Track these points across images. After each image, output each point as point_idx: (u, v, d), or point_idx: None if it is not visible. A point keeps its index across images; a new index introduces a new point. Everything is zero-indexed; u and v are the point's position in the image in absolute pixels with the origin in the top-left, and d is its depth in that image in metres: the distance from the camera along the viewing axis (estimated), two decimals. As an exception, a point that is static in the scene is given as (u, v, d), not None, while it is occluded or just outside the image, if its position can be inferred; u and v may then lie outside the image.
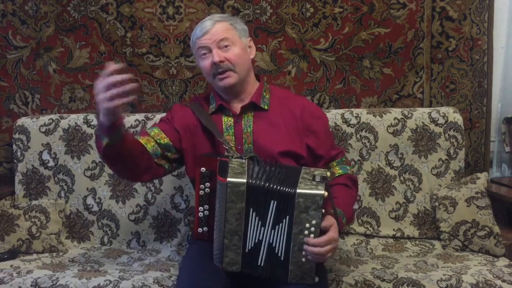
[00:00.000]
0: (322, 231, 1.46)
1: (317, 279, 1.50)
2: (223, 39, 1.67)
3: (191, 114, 1.77)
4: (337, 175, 1.75)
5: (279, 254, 1.49)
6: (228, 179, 1.46)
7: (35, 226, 2.12)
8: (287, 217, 1.46)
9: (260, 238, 1.50)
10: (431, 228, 2.16)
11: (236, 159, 1.54)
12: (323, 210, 1.44)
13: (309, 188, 1.44)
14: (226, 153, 1.61)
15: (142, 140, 1.68)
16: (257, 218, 1.49)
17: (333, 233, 1.47)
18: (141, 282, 1.75)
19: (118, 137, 1.47)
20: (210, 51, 1.68)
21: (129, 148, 1.56)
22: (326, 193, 1.43)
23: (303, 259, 1.47)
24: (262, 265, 1.51)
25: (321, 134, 1.76)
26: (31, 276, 1.79)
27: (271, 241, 1.49)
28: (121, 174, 1.75)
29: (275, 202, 1.47)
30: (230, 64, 1.68)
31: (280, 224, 1.48)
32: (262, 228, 1.49)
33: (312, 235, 1.45)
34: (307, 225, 1.45)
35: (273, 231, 1.49)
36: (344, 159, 1.82)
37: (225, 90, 1.73)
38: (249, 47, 1.77)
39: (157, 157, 1.70)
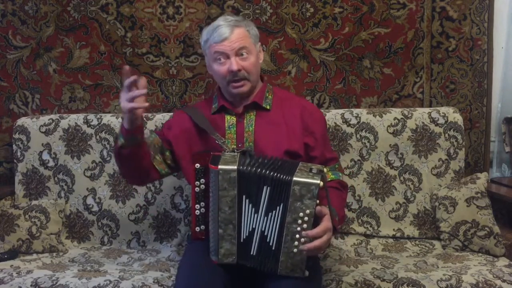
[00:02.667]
0: (315, 222, 1.47)
1: (307, 273, 1.50)
2: (242, 48, 1.69)
3: (188, 119, 1.80)
4: (329, 179, 1.76)
5: (271, 244, 1.50)
6: (220, 166, 1.49)
7: (35, 226, 2.12)
8: (281, 204, 1.47)
9: (254, 226, 1.51)
10: (431, 228, 2.16)
11: (228, 153, 1.56)
12: (318, 201, 1.45)
13: (305, 177, 1.45)
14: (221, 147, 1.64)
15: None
16: (250, 205, 1.50)
17: (327, 222, 1.48)
18: (141, 282, 1.75)
19: (133, 142, 1.61)
20: (228, 57, 1.69)
21: (139, 155, 1.68)
22: (321, 183, 1.44)
23: (295, 250, 1.47)
24: (254, 254, 1.52)
25: (319, 136, 1.78)
26: (31, 276, 1.79)
27: (263, 229, 1.50)
28: (125, 176, 1.87)
29: (268, 188, 1.48)
30: (246, 73, 1.70)
31: (274, 212, 1.48)
32: (255, 216, 1.50)
33: (305, 225, 1.45)
34: (301, 214, 1.45)
35: (265, 218, 1.49)
36: (337, 165, 1.83)
37: (235, 96, 1.76)
38: (259, 52, 1.79)
39: (157, 161, 1.78)
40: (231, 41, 1.68)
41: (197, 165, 1.58)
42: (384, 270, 1.81)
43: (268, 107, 1.78)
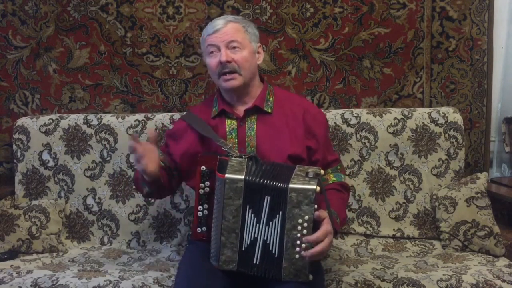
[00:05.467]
0: (315, 227, 1.46)
1: (311, 277, 1.50)
2: (233, 41, 1.68)
3: (190, 127, 1.78)
4: (330, 182, 1.75)
5: (273, 251, 1.49)
6: (227, 175, 1.48)
7: (35, 226, 2.12)
8: (280, 212, 1.47)
9: (256, 235, 1.51)
10: (431, 228, 2.16)
11: (235, 158, 1.55)
12: (316, 206, 1.45)
13: (301, 183, 1.44)
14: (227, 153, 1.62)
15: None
16: (252, 215, 1.50)
17: (326, 225, 1.47)
18: (141, 282, 1.75)
19: (156, 186, 1.70)
20: (219, 49, 1.69)
21: (162, 184, 1.73)
22: (318, 188, 1.43)
23: (297, 256, 1.47)
24: (257, 263, 1.52)
25: (321, 138, 1.77)
26: (31, 276, 1.79)
27: (265, 238, 1.50)
28: (156, 197, 2.00)
29: (269, 198, 1.47)
30: (236, 66, 1.68)
31: (274, 220, 1.48)
32: (257, 225, 1.50)
33: (305, 231, 1.45)
34: (300, 220, 1.45)
35: (267, 227, 1.49)
36: (339, 167, 1.82)
37: (228, 91, 1.75)
38: (258, 52, 1.78)
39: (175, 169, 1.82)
40: (223, 33, 1.68)
41: (203, 168, 1.57)
42: (384, 270, 1.81)
43: (269, 110, 1.76)
